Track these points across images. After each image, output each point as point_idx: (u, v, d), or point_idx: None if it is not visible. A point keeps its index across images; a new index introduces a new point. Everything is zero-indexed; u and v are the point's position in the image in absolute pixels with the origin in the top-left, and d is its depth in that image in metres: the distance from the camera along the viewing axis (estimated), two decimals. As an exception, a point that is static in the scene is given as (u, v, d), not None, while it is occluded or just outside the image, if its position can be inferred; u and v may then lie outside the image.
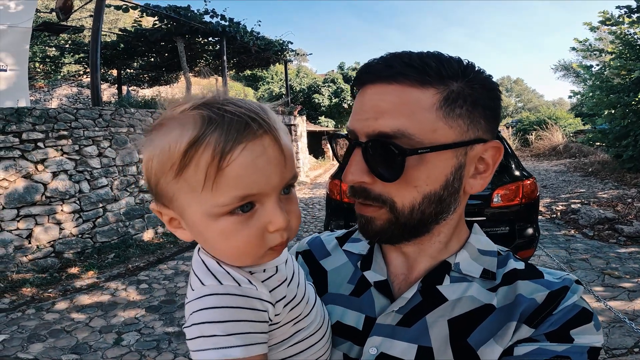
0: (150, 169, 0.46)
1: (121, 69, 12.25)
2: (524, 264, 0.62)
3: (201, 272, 0.49)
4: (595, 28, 9.15)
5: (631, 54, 8.83)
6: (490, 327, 0.55)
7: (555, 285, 0.57)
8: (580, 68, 11.64)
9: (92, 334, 3.37)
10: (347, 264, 0.68)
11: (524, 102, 50.85)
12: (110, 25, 15.95)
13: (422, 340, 0.56)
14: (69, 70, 14.93)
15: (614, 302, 3.52)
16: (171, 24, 8.54)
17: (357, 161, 0.55)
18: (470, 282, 0.59)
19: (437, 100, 0.52)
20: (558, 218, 6.80)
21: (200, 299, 0.46)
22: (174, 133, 0.43)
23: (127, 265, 5.03)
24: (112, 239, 5.55)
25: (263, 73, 20.63)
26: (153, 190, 0.48)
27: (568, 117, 19.59)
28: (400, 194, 0.54)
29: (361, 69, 0.57)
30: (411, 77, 0.52)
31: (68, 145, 5.09)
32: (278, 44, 11.21)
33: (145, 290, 4.30)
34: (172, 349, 3.11)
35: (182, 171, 0.43)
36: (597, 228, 5.95)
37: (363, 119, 0.55)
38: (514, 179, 3.64)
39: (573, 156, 14.65)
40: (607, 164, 11.16)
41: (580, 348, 0.51)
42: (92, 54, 6.14)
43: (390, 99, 0.52)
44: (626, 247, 5.18)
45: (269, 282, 0.51)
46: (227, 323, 0.45)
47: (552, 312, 0.54)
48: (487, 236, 0.67)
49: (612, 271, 4.32)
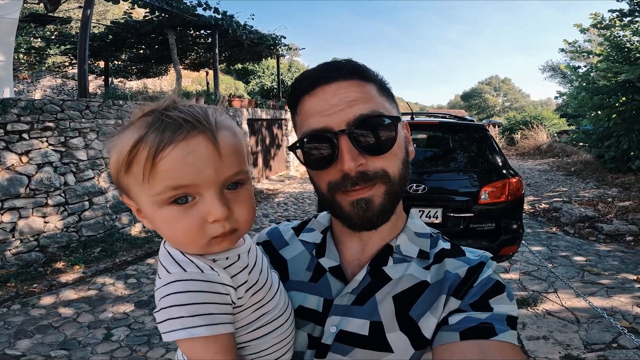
0: (112, 165, 0.53)
1: (109, 60, 12.01)
2: (450, 244, 0.71)
3: (166, 261, 0.54)
4: (585, 30, 9.23)
5: (619, 57, 8.95)
6: (426, 301, 0.63)
7: (474, 261, 0.66)
8: (567, 69, 11.76)
9: (81, 329, 3.34)
10: (304, 252, 0.74)
11: (511, 102, 51.56)
12: (99, 16, 15.60)
13: (374, 315, 0.63)
14: (54, 62, 14.57)
15: (593, 298, 3.63)
16: (163, 16, 8.37)
17: (348, 148, 0.60)
18: (409, 262, 0.67)
19: (377, 89, 0.65)
20: (541, 216, 6.96)
21: (166, 286, 0.51)
22: (128, 135, 0.51)
23: (114, 259, 4.98)
24: (98, 233, 5.48)
25: (254, 67, 20.43)
26: (116, 184, 0.55)
27: (553, 118, 19.95)
28: (389, 164, 0.63)
29: (311, 74, 0.65)
30: (357, 75, 0.64)
31: (54, 136, 4.99)
32: (271, 39, 11.11)
33: (133, 285, 4.27)
34: (163, 344, 3.10)
35: (129, 166, 0.51)
36: (578, 226, 6.11)
37: (335, 112, 0.61)
38: (501, 176, 3.72)
39: (556, 156, 14.95)
40: (589, 164, 11.41)
41: (500, 316, 0.59)
42: (80, 44, 6.00)
43: (354, 89, 0.62)
44: (605, 244, 5.33)
45: (231, 269, 0.55)
46: (192, 305, 0.49)
47: (472, 285, 0.63)
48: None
49: (591, 268, 4.44)
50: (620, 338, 3.01)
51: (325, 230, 0.76)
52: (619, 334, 3.03)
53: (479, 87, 52.66)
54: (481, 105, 50.02)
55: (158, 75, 15.01)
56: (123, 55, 12.25)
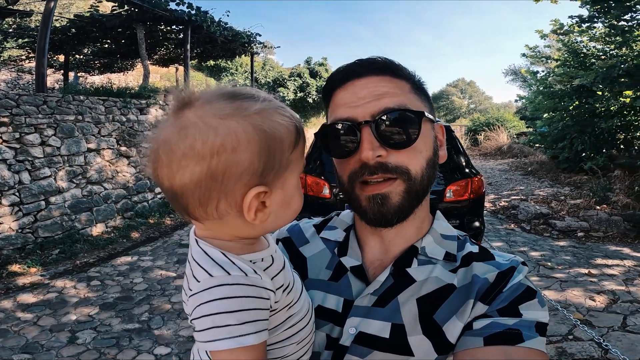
0: (264, 147, 0.48)
1: (69, 54, 11.41)
2: (478, 247, 0.70)
3: (206, 263, 0.50)
4: (545, 35, 9.52)
5: (575, 62, 9.35)
6: (452, 305, 0.61)
7: (504, 266, 0.64)
8: (527, 73, 12.30)
9: (43, 332, 3.20)
10: (324, 250, 0.72)
11: (476, 104, 53.52)
12: (62, 9, 14.78)
13: (395, 318, 0.61)
14: (10, 55, 13.68)
15: (548, 292, 3.84)
16: (132, 10, 7.99)
17: (368, 139, 0.60)
18: (434, 264, 0.65)
19: (410, 86, 0.65)
20: (500, 213, 7.30)
21: (208, 290, 0.47)
22: (280, 118, 0.51)
23: (74, 261, 4.78)
24: (56, 234, 5.22)
25: (227, 64, 20.05)
26: (259, 170, 0.48)
27: (514, 120, 20.89)
28: (412, 161, 0.62)
29: (344, 69, 0.66)
30: (390, 71, 0.65)
31: (8, 132, 4.71)
32: (246, 36, 10.90)
33: (97, 287, 4.12)
34: (134, 346, 3.02)
35: (297, 142, 0.52)
36: (534, 223, 6.47)
37: (362, 104, 0.62)
38: (464, 175, 3.90)
39: (515, 156, 15.65)
40: (545, 164, 12.01)
41: (529, 322, 0.57)
42: (40, 38, 5.69)
43: (384, 84, 0.63)
44: (559, 240, 5.67)
45: (269, 271, 0.54)
46: (240, 312, 0.47)
47: (502, 290, 0.61)
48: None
49: (546, 262, 4.70)
50: (575, 330, 3.14)
51: (349, 228, 0.74)
52: (574, 326, 3.16)
53: (447, 90, 54.24)
54: (448, 107, 51.57)
55: (123, 70, 14.42)
56: (86, 50, 11.68)
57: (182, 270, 4.54)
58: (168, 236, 6.02)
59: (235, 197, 0.48)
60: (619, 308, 3.54)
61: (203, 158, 0.46)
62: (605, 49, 8.99)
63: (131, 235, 5.94)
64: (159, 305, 3.69)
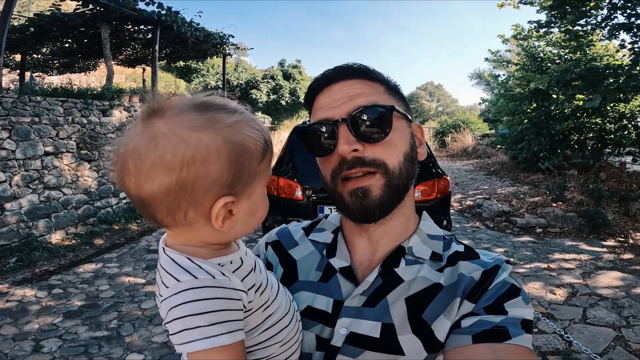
0: (233, 160, 0.50)
1: (26, 54, 10.83)
2: (464, 246, 0.71)
3: (173, 269, 0.51)
4: (507, 40, 9.87)
5: (533, 66, 9.79)
6: (440, 304, 0.62)
7: (489, 264, 0.66)
8: (489, 77, 12.88)
9: (5, 341, 3.05)
10: (314, 252, 0.74)
11: (443, 107, 55.22)
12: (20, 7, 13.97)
13: (385, 318, 0.62)
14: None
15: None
16: (97, 9, 7.66)
17: (344, 135, 0.64)
18: (421, 264, 0.67)
19: (384, 88, 0.70)
20: (466, 212, 7.58)
21: (177, 295, 0.48)
22: (250, 131, 0.52)
23: (33, 269, 4.55)
24: (12, 242, 4.94)
25: (198, 65, 19.59)
26: (227, 181, 0.50)
27: (478, 122, 21.72)
28: (388, 155, 0.65)
29: (323, 76, 0.71)
30: (364, 75, 0.69)
31: (-41, 135, 4.44)
32: (218, 37, 10.70)
33: (60, 295, 3.94)
34: (104, 354, 2.92)
35: (265, 153, 0.54)
36: (496, 220, 6.76)
37: (338, 105, 0.66)
38: (432, 176, 4.06)
39: (479, 157, 16.28)
40: (506, 165, 12.51)
41: (515, 319, 0.58)
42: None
43: (358, 86, 0.68)
44: (519, 236, 5.95)
45: (239, 272, 0.55)
46: (209, 314, 0.48)
47: (487, 288, 0.63)
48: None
49: (508, 258, 4.96)
50: (539, 323, 3.24)
51: (337, 230, 0.75)
52: (538, 320, 3.27)
53: (417, 93, 55.62)
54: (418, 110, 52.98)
55: (85, 71, 13.84)
56: (44, 49, 11.11)
57: (151, 276, 4.42)
58: (135, 242, 5.83)
59: (204, 207, 0.50)
60: (578, 301, 3.71)
61: (173, 169, 0.47)
62: (560, 54, 9.47)
63: (94, 242, 5.71)
64: (128, 311, 3.58)
